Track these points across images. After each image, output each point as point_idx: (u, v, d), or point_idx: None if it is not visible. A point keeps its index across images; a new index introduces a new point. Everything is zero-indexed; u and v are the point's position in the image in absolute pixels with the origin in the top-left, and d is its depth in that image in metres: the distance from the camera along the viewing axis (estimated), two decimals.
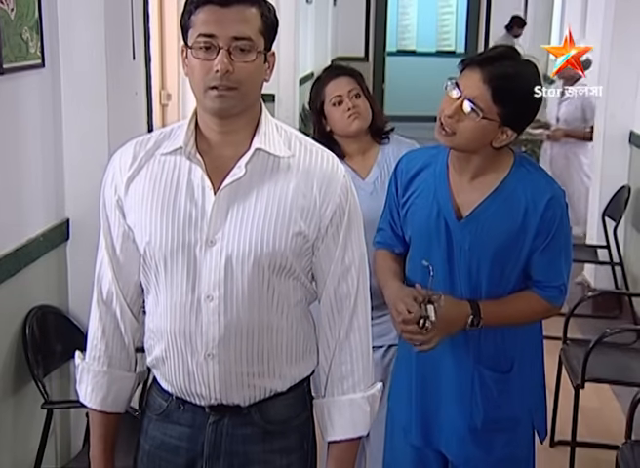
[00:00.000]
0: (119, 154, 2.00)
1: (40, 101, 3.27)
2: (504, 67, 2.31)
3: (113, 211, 1.98)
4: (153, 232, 1.91)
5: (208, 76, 1.81)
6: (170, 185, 1.92)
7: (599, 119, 6.26)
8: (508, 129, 2.35)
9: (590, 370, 3.83)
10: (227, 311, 1.90)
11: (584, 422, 4.18)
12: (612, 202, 5.98)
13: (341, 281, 1.98)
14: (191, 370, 1.95)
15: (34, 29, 3.17)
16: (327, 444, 2.07)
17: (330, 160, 1.97)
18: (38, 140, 3.27)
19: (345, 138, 3.07)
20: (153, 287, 1.98)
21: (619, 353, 4.22)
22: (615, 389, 4.68)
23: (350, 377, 2.02)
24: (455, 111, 2.32)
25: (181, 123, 1.98)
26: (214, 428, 2.00)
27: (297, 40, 8.41)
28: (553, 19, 10.18)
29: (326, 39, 11.15)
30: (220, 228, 1.89)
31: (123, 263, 2.00)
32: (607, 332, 3.96)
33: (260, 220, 1.89)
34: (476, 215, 2.43)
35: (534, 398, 2.61)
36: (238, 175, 1.89)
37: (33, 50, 3.17)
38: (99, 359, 2.06)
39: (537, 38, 10.49)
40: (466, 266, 2.44)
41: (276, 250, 1.89)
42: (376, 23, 13.33)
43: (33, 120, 3.23)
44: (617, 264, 5.94)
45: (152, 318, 2.00)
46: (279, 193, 1.90)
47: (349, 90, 3.02)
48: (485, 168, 2.44)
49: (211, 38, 1.81)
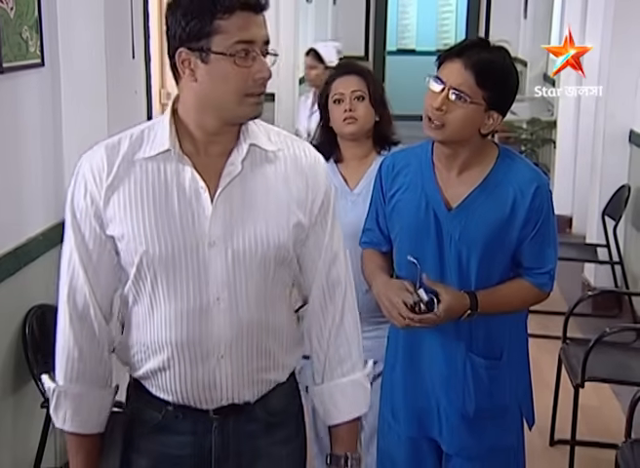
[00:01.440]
0: (87, 161, 1.90)
1: (40, 101, 3.27)
2: (482, 53, 2.39)
3: (88, 222, 1.89)
4: (150, 240, 1.86)
5: (247, 83, 1.81)
6: (159, 190, 1.87)
7: (599, 118, 6.25)
8: (494, 112, 2.43)
9: (590, 369, 3.83)
10: (237, 310, 1.91)
11: (584, 421, 4.18)
12: (612, 201, 5.98)
13: (332, 267, 2.03)
14: (200, 374, 1.93)
15: (34, 28, 3.17)
16: (328, 428, 2.12)
17: (310, 150, 2.03)
18: (38, 140, 3.27)
19: (345, 140, 3.04)
20: (147, 297, 1.91)
21: (618, 352, 4.21)
22: (614, 388, 4.68)
23: (348, 359, 2.07)
24: (442, 102, 2.38)
25: (151, 124, 1.94)
26: (220, 431, 1.98)
27: (296, 39, 8.40)
28: (553, 18, 10.15)
29: (326, 38, 11.12)
30: (223, 227, 1.88)
31: (100, 276, 1.93)
32: (607, 332, 3.95)
33: (264, 215, 1.91)
34: (465, 206, 2.49)
35: (521, 386, 2.66)
36: (235, 172, 1.90)
37: (33, 49, 3.18)
38: (77, 380, 1.96)
39: (537, 37, 10.48)
40: (456, 256, 2.49)
41: (282, 242, 1.93)
42: (376, 23, 13.32)
43: (33, 119, 3.23)
44: (616, 263, 5.93)
45: (144, 330, 1.94)
46: (274, 186, 1.93)
47: (353, 90, 2.97)
48: (471, 162, 2.50)
49: (250, 44, 1.80)
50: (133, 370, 2.00)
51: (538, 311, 4.33)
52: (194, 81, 1.82)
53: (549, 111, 9.06)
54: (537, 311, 4.22)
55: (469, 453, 2.61)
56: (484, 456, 2.61)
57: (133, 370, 2.00)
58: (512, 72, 2.44)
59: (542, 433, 4.20)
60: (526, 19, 11.62)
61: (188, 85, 1.84)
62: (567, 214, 7.87)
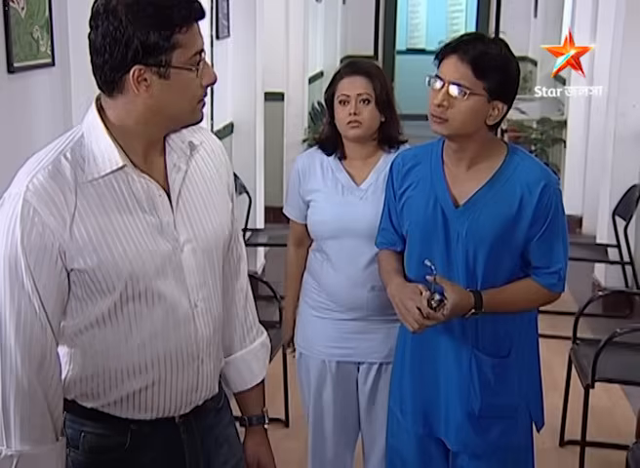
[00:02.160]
0: (34, 196, 1.73)
1: (50, 100, 3.27)
2: (478, 46, 2.41)
3: (48, 261, 1.74)
4: (134, 260, 1.79)
5: (200, 91, 1.82)
6: (122, 207, 1.80)
7: (609, 118, 6.23)
8: (498, 102, 2.43)
9: (600, 369, 3.82)
10: (211, 309, 1.95)
11: (594, 422, 4.18)
12: (622, 201, 5.97)
13: (237, 243, 2.12)
14: (185, 381, 1.92)
15: (45, 28, 3.17)
16: (237, 394, 2.20)
17: (212, 136, 2.07)
18: (49, 139, 3.26)
19: (347, 140, 3.01)
20: (126, 320, 1.83)
21: (629, 352, 4.20)
22: (625, 389, 4.68)
23: (254, 326, 2.20)
24: (443, 98, 2.40)
25: (71, 140, 1.83)
26: (188, 434, 1.98)
27: (306, 39, 8.39)
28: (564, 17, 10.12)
29: (335, 38, 11.12)
30: (186, 228, 1.89)
31: (55, 312, 1.79)
32: (617, 332, 3.94)
33: (212, 208, 1.96)
34: (473, 203, 2.49)
35: (530, 386, 2.65)
36: (181, 172, 1.91)
37: (44, 48, 3.18)
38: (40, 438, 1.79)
39: (547, 37, 10.45)
40: (463, 253, 2.49)
41: (229, 230, 2.03)
42: (385, 22, 13.28)
43: (44, 119, 3.23)
44: (627, 263, 5.91)
45: (117, 355, 1.84)
46: (210, 178, 1.98)
47: (359, 93, 2.92)
48: (480, 157, 2.50)
49: (201, 53, 1.80)
50: (91, 401, 1.89)
51: (548, 311, 4.32)
52: (148, 97, 1.76)
53: (559, 111, 9.03)
54: (547, 311, 4.22)
55: (474, 451, 2.61)
56: (490, 454, 2.61)
57: (91, 401, 1.89)
58: (511, 60, 2.44)
59: (552, 433, 4.19)
60: (536, 18, 11.59)
61: (138, 100, 1.77)
62: (577, 213, 7.85)
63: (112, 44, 1.72)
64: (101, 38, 1.72)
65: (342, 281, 2.97)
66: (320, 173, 3.02)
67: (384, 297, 2.65)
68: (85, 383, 1.88)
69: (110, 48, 1.72)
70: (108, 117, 1.82)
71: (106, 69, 1.75)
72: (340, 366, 3.06)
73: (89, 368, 1.87)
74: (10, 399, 1.77)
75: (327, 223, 2.98)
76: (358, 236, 2.92)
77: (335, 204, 2.97)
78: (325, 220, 2.99)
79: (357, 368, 3.07)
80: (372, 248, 2.83)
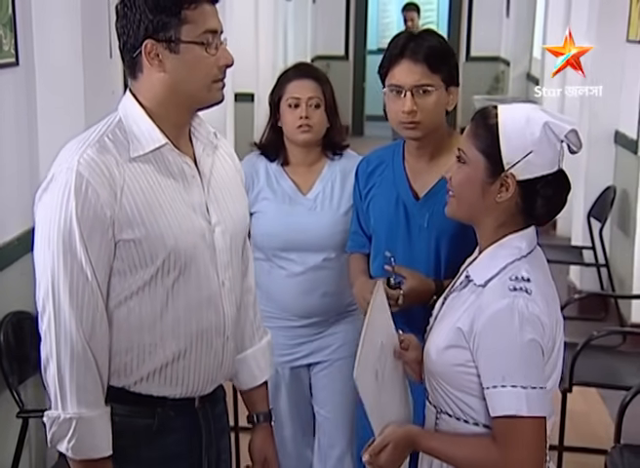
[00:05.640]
0: (86, 170, 1.82)
1: (14, 101, 3.23)
2: (421, 43, 2.48)
3: (100, 231, 1.83)
4: (178, 234, 1.90)
5: (214, 70, 1.91)
6: (163, 184, 1.91)
7: (583, 119, 6.22)
8: (452, 87, 2.53)
9: (577, 373, 3.81)
10: (235, 288, 2.06)
11: (572, 427, 4.16)
12: (597, 203, 5.98)
13: (246, 242, 2.23)
14: (211, 358, 2.00)
15: (8, 26, 3.12)
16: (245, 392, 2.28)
17: (227, 141, 2.22)
18: (13, 141, 3.23)
19: (293, 145, 2.96)
20: (164, 293, 1.91)
21: (605, 356, 4.20)
22: (602, 392, 4.67)
23: (260, 325, 2.30)
24: (411, 104, 2.45)
25: (112, 122, 1.92)
26: (204, 419, 2.06)
27: (276, 38, 8.36)
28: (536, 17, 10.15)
29: (305, 37, 11.12)
30: (217, 211, 2.00)
31: (107, 286, 1.88)
32: (594, 335, 3.93)
33: (235, 195, 2.09)
34: (433, 194, 2.53)
35: None
36: (210, 157, 2.04)
37: (7, 48, 3.13)
38: (94, 402, 1.88)
39: (519, 37, 10.49)
40: (425, 245, 2.53)
41: (248, 219, 2.20)
42: (356, 21, 13.29)
43: (7, 120, 3.19)
44: (602, 265, 5.91)
45: (151, 329, 1.91)
46: (231, 172, 2.12)
47: (309, 97, 2.89)
48: (440, 149, 2.55)
49: (214, 34, 1.90)
50: (123, 379, 1.95)
51: None
52: (162, 72, 1.88)
53: None
54: None
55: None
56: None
57: (123, 379, 1.95)
58: (447, 44, 2.58)
59: None
60: (508, 17, 11.62)
61: (155, 77, 1.89)
62: None
63: (127, 25, 1.86)
64: (121, 20, 1.88)
65: (293, 289, 2.93)
66: (265, 180, 2.97)
67: (338, 302, 2.74)
68: (119, 358, 1.93)
69: (127, 29, 1.87)
70: (140, 102, 1.93)
71: (126, 50, 1.89)
72: (293, 371, 3.06)
73: (123, 342, 1.92)
74: (65, 365, 1.85)
75: (275, 236, 2.92)
76: (308, 248, 2.87)
77: (282, 214, 2.92)
78: (272, 233, 2.92)
79: (308, 368, 3.08)
80: (322, 253, 2.87)
